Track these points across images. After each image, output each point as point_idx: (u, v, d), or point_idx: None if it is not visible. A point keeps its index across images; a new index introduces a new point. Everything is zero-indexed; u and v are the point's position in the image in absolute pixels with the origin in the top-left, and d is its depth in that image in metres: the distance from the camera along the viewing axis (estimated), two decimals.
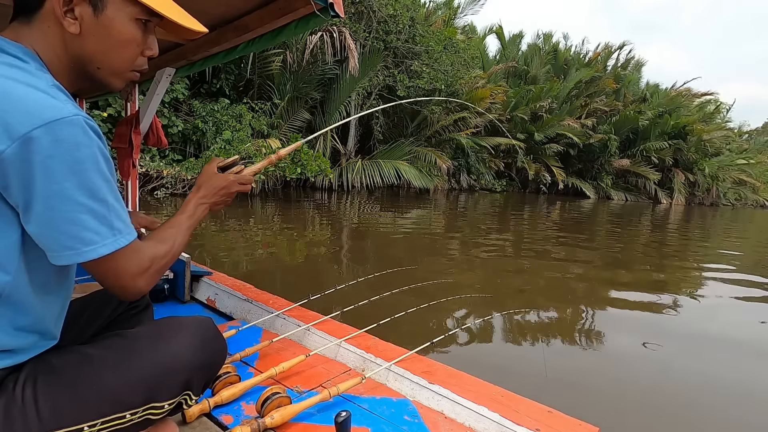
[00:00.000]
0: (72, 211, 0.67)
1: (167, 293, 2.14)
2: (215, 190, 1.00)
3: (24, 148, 0.63)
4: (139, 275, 0.78)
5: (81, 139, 0.67)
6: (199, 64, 2.09)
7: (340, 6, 1.32)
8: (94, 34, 0.75)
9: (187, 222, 0.94)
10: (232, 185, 1.03)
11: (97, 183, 0.69)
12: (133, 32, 0.78)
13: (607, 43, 24.82)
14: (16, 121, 0.63)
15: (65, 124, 0.65)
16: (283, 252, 5.37)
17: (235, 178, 1.04)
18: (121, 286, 0.77)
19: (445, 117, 16.22)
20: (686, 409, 2.34)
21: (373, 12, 13.14)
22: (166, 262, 0.84)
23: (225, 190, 1.02)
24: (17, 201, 0.66)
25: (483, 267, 5.33)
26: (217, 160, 1.06)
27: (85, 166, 0.67)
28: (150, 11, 0.77)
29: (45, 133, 0.63)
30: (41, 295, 0.76)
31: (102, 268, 0.74)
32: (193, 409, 1.19)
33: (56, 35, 0.74)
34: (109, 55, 0.77)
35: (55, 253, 0.70)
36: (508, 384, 1.33)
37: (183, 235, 0.91)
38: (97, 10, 0.74)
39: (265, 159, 1.17)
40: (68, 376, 0.79)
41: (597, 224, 11.49)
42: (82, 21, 0.74)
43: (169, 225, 0.91)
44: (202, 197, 0.99)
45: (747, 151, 30.44)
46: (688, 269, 6.18)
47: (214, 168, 1.03)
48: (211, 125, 10.15)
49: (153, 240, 0.84)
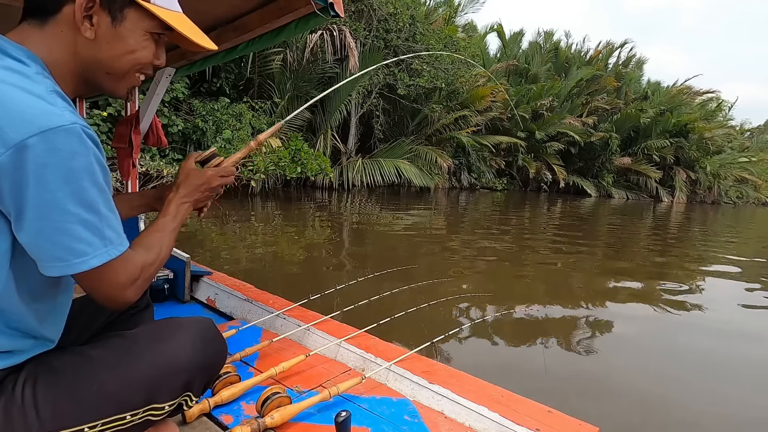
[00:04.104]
0: (64, 221, 0.67)
1: (167, 293, 2.15)
2: (195, 187, 0.98)
3: (18, 155, 0.62)
4: (128, 285, 0.76)
5: (77, 148, 0.66)
6: (199, 63, 2.09)
7: (340, 6, 1.32)
8: (108, 41, 0.76)
9: (171, 224, 0.91)
10: (213, 179, 1.00)
11: (91, 193, 0.68)
12: (147, 44, 0.79)
13: (608, 41, 24.67)
14: (11, 128, 0.62)
15: (61, 132, 0.64)
16: (283, 252, 5.37)
17: (215, 171, 1.01)
18: (110, 296, 0.76)
19: (445, 115, 16.20)
20: (686, 409, 2.34)
21: (374, 10, 13.12)
22: (154, 269, 0.83)
23: (206, 185, 0.99)
24: (9, 209, 0.66)
25: (483, 266, 5.33)
26: (194, 155, 1.03)
27: (80, 175, 0.66)
28: (165, 26, 0.79)
29: (40, 141, 0.63)
30: (31, 303, 0.75)
31: (92, 280, 0.73)
32: (193, 409, 1.19)
33: (69, 39, 0.74)
34: (120, 62, 0.78)
35: (46, 263, 0.69)
36: (508, 384, 1.33)
37: (169, 238, 0.89)
38: (115, 20, 0.75)
39: (245, 147, 1.11)
40: (68, 377, 0.78)
41: (598, 223, 11.47)
42: (99, 28, 0.74)
43: (153, 229, 0.89)
44: (182, 196, 0.96)
45: (749, 149, 30.38)
46: (689, 269, 6.17)
47: (191, 164, 1.00)
48: (211, 124, 10.14)
49: (140, 247, 0.82)
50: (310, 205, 10.18)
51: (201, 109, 10.18)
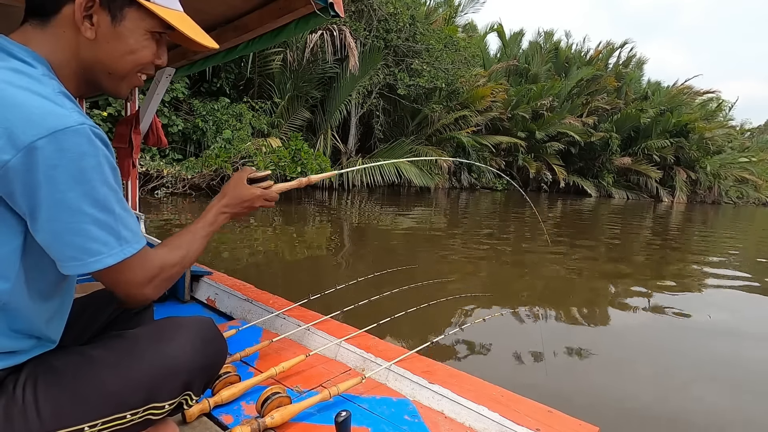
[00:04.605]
0: (76, 222, 0.67)
1: (167, 293, 2.15)
2: (239, 201, 1.00)
3: (28, 157, 0.63)
4: (146, 283, 0.77)
5: (86, 149, 0.66)
6: (199, 63, 2.09)
7: (340, 6, 1.32)
8: (108, 41, 0.76)
9: (205, 230, 0.92)
10: (257, 200, 1.03)
11: (103, 192, 0.69)
12: (147, 44, 0.79)
13: (608, 41, 24.69)
14: (20, 130, 0.63)
15: (70, 133, 0.65)
16: (283, 251, 5.37)
17: (261, 194, 1.03)
18: (128, 294, 0.77)
19: (445, 115, 16.21)
20: (687, 408, 2.34)
21: (374, 10, 13.12)
22: (177, 270, 0.84)
23: (249, 203, 1.02)
24: (23, 210, 0.66)
25: (483, 266, 5.33)
26: (248, 170, 1.05)
27: (90, 175, 0.67)
28: (166, 25, 0.79)
29: (49, 142, 0.63)
30: (39, 302, 0.75)
31: (109, 277, 0.74)
32: (193, 409, 1.19)
33: (70, 40, 0.74)
34: (121, 61, 0.78)
35: (62, 262, 0.70)
36: (508, 384, 1.33)
37: (199, 242, 0.90)
38: (115, 20, 0.75)
39: (296, 181, 1.18)
40: (69, 377, 0.79)
41: (598, 223, 11.47)
42: (99, 28, 0.74)
43: (186, 231, 0.90)
44: (224, 206, 0.98)
45: (749, 149, 30.38)
46: (690, 269, 6.18)
47: (243, 178, 1.02)
48: (211, 124, 10.15)
49: (166, 247, 0.84)
50: (310, 205, 10.18)
51: (201, 109, 10.19)
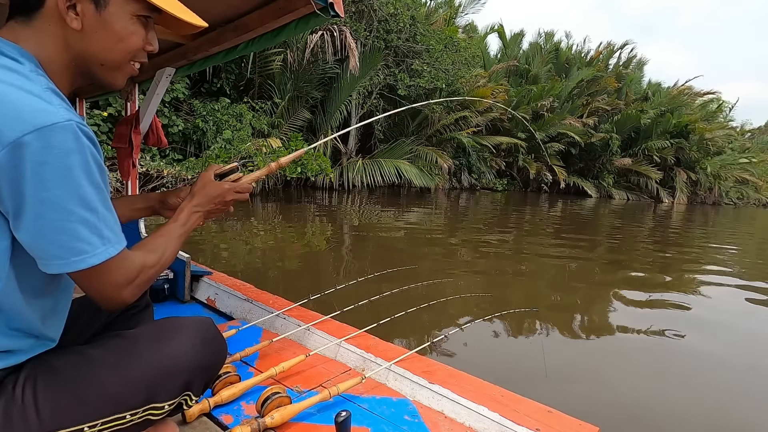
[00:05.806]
0: (62, 220, 0.67)
1: (167, 293, 2.15)
2: (209, 198, 0.99)
3: (14, 153, 0.62)
4: (125, 285, 0.76)
5: (72, 146, 0.66)
6: (200, 63, 2.08)
7: (340, 6, 1.32)
8: (96, 30, 0.75)
9: (178, 230, 0.92)
10: (228, 194, 1.01)
11: (88, 191, 0.68)
12: (135, 29, 0.78)
13: (609, 42, 24.66)
14: (6, 126, 0.62)
15: (57, 129, 0.64)
16: (283, 252, 5.37)
17: (231, 186, 1.01)
18: (105, 296, 0.76)
19: (446, 116, 16.20)
20: (687, 408, 2.34)
21: (374, 11, 13.12)
22: (154, 272, 0.83)
23: (220, 199, 1.00)
24: (7, 208, 0.66)
25: (483, 266, 5.33)
26: (214, 167, 1.03)
27: (76, 173, 0.66)
28: (151, 7, 0.77)
29: (36, 138, 0.63)
30: (32, 300, 0.75)
31: (89, 279, 0.73)
32: (193, 409, 1.19)
33: (57, 34, 0.74)
34: (112, 51, 0.77)
35: (45, 261, 0.69)
36: (508, 384, 1.33)
37: (174, 244, 0.89)
38: (99, 6, 0.74)
39: (265, 167, 1.12)
40: (68, 377, 0.78)
41: (598, 223, 11.47)
42: (84, 17, 0.74)
43: (159, 233, 0.89)
44: (195, 205, 0.97)
45: (749, 150, 30.33)
46: (690, 270, 6.17)
47: (210, 175, 1.01)
48: (211, 125, 10.15)
49: (142, 249, 0.82)
50: (310, 205, 10.17)
51: (201, 109, 10.19)
